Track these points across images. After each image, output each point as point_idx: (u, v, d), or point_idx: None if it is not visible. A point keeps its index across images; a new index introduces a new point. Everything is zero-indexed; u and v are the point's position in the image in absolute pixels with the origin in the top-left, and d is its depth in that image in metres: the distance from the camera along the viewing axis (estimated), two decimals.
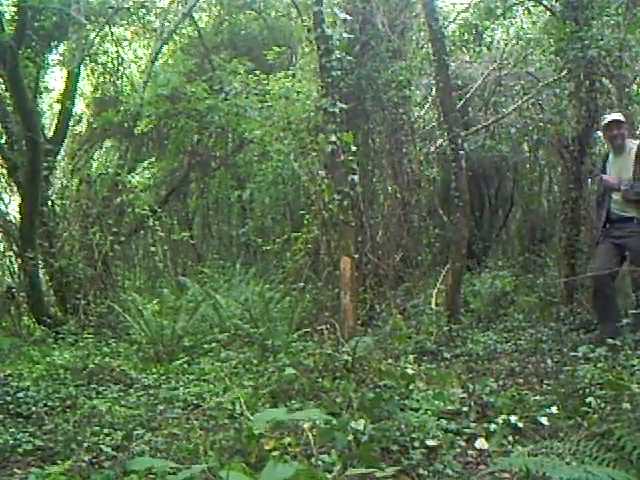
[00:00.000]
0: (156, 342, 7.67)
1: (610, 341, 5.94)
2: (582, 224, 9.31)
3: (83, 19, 11.24)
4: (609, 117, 7.31)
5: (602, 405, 3.90)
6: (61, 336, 8.59)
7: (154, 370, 6.75)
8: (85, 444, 4.30)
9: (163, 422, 4.86)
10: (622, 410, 3.45)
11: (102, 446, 4.23)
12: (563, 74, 9.67)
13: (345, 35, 8.86)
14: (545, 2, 10.48)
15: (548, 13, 10.84)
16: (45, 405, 5.41)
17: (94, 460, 4.05)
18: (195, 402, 5.43)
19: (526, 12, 12.40)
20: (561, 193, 10.08)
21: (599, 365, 5.02)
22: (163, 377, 6.43)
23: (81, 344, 8.00)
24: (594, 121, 9.10)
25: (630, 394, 3.60)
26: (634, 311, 6.21)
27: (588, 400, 4.03)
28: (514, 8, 12.19)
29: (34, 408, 5.29)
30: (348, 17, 9.18)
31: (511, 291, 10.32)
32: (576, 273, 8.93)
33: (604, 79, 9.25)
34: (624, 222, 6.90)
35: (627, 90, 10.13)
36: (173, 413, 5.12)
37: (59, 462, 3.87)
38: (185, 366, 6.82)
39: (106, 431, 4.59)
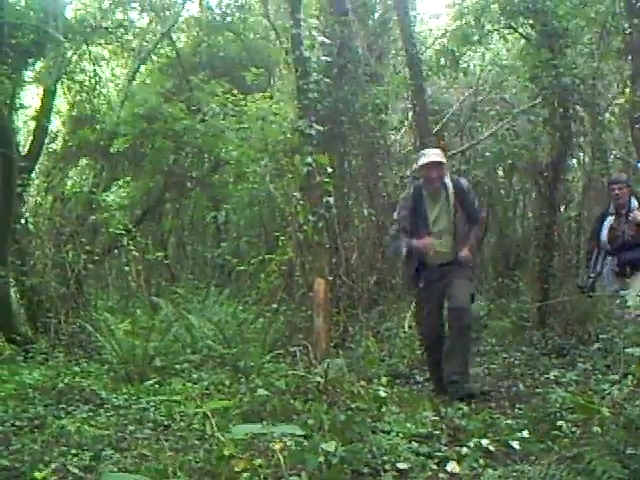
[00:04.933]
0: (127, 362, 7.59)
1: (581, 365, 5.99)
2: (555, 250, 9.39)
3: (61, 37, 11.20)
4: (428, 157, 6.26)
5: (573, 429, 3.91)
6: (31, 355, 8.48)
7: (125, 390, 6.67)
8: (52, 465, 4.23)
9: (133, 442, 4.80)
10: (592, 434, 3.46)
11: (69, 467, 4.16)
12: (538, 101, 9.80)
13: (323, 58, 8.91)
14: (521, 30, 10.63)
15: (523, 40, 11.00)
16: (12, 425, 5.32)
17: None
18: (165, 423, 5.38)
19: (502, 39, 12.57)
20: (535, 219, 10.18)
21: (570, 389, 5.04)
22: (134, 397, 6.36)
23: (51, 363, 7.91)
24: (568, 147, 9.22)
25: (600, 418, 3.60)
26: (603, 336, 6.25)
27: (559, 424, 4.04)
28: (490, 35, 12.33)
29: (1, 427, 5.21)
30: (326, 40, 9.24)
31: (484, 315, 10.36)
32: (549, 298, 8.99)
33: (578, 106, 9.38)
34: (444, 266, 6.19)
35: (600, 118, 10.28)
36: (143, 433, 5.06)
37: None
38: (156, 386, 6.75)
39: (74, 451, 4.51)
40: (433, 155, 6.33)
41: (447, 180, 6.26)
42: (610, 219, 7.14)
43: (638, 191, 7.73)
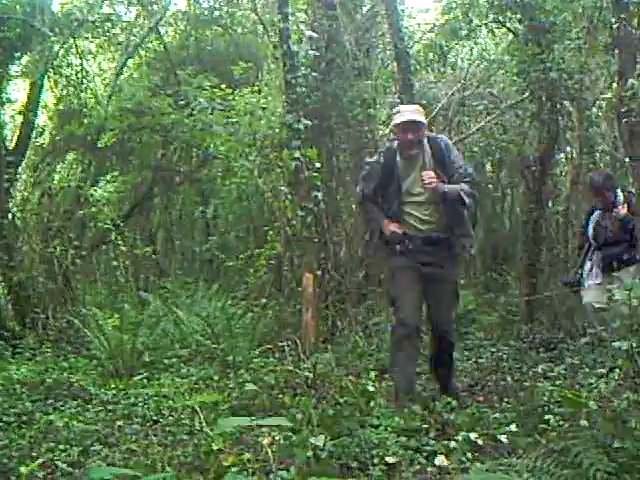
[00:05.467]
0: (116, 357, 7.57)
1: (568, 359, 6.00)
2: (543, 244, 9.42)
3: (47, 31, 11.16)
4: (403, 115, 5.26)
5: (560, 422, 3.92)
6: (19, 350, 8.46)
7: (113, 385, 6.66)
8: (40, 460, 4.22)
9: (121, 438, 4.80)
10: (580, 427, 3.48)
11: (58, 462, 4.15)
12: (525, 95, 9.82)
13: (311, 52, 8.91)
14: (508, 24, 10.64)
15: (511, 35, 11.01)
16: (0, 420, 5.31)
17: (49, 476, 3.98)
18: (154, 418, 5.38)
19: (490, 34, 12.59)
20: (523, 213, 10.21)
21: (558, 383, 5.07)
22: (122, 393, 6.35)
23: (39, 359, 7.89)
24: (555, 142, 9.24)
25: (587, 411, 3.63)
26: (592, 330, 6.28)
27: (547, 417, 4.06)
28: (478, 29, 12.35)
29: None
30: (314, 35, 9.23)
31: (473, 310, 10.39)
32: (537, 292, 9.03)
33: (565, 101, 9.40)
34: (432, 244, 5.23)
35: (588, 113, 10.31)
36: (131, 429, 5.05)
37: (13, 478, 3.80)
38: (145, 382, 6.74)
39: (62, 447, 4.50)
40: (410, 113, 5.30)
41: (425, 142, 5.30)
42: (596, 214, 7.17)
43: (626, 185, 7.77)
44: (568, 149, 11.44)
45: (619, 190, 7.06)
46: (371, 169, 5.47)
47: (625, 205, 6.87)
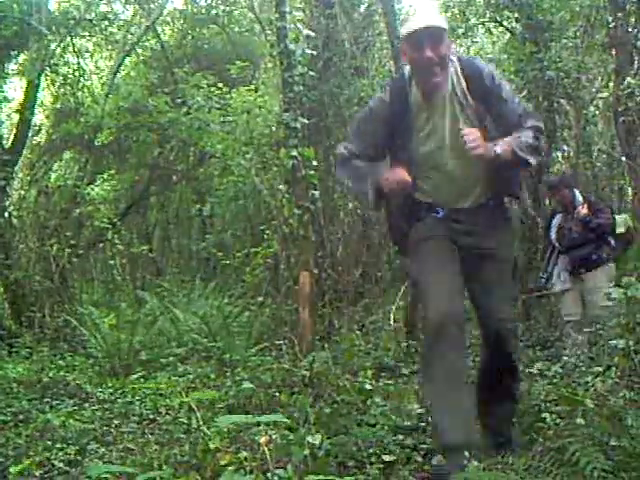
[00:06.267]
0: (112, 356, 7.58)
1: (565, 358, 6.00)
2: (540, 242, 9.42)
3: (44, 29, 11.13)
4: (416, 21, 3.23)
5: (557, 421, 3.92)
6: (15, 349, 8.45)
7: (110, 384, 6.66)
8: (37, 459, 4.22)
9: (118, 436, 4.79)
10: (576, 425, 3.47)
11: (54, 461, 4.14)
12: (522, 94, 9.82)
13: (308, 51, 8.90)
14: (505, 23, 10.64)
15: (508, 34, 11.02)
16: None
17: (46, 475, 3.97)
18: (151, 416, 5.37)
19: (487, 32, 12.59)
20: (519, 211, 10.21)
21: (554, 381, 5.07)
22: (119, 391, 6.35)
23: (36, 357, 7.88)
24: (552, 140, 9.24)
25: (584, 410, 3.62)
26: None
27: (543, 416, 4.06)
28: (475, 28, 12.35)
29: None
30: (311, 34, 9.22)
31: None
32: (533, 290, 9.03)
33: (562, 100, 9.41)
34: (468, 213, 3.49)
35: (584, 111, 10.31)
36: (128, 427, 5.05)
37: (10, 477, 3.79)
38: (141, 380, 6.73)
39: (59, 446, 4.48)
40: (426, 18, 3.25)
41: (452, 68, 3.35)
42: (558, 217, 7.07)
43: (623, 183, 7.76)
44: (565, 147, 11.45)
45: (577, 191, 6.98)
46: (368, 117, 3.57)
47: (585, 205, 6.78)
